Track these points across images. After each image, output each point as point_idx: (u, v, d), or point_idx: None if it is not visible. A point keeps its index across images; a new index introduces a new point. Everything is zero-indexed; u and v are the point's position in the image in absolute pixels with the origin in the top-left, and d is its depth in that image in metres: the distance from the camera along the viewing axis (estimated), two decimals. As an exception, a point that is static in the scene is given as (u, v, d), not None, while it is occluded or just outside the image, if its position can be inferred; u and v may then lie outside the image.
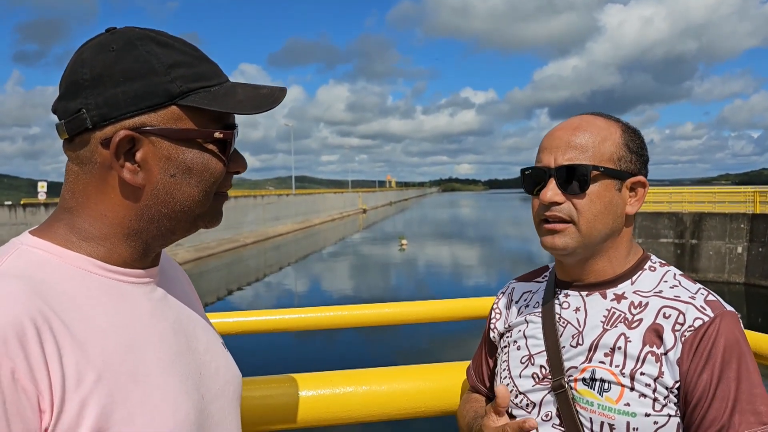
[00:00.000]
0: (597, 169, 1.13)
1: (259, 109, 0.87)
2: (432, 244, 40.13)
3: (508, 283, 1.43)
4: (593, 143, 1.14)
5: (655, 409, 1.05)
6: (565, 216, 1.14)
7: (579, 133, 1.16)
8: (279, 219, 50.57)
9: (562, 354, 1.16)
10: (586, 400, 1.10)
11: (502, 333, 1.34)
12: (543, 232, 1.18)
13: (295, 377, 1.49)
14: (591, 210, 1.13)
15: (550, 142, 1.18)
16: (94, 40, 0.86)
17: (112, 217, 0.86)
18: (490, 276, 25.70)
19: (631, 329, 1.11)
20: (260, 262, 33.00)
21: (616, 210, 1.16)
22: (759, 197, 22.11)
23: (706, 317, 1.07)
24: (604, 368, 1.10)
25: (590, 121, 1.18)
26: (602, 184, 1.14)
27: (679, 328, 1.07)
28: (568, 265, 1.21)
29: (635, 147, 1.18)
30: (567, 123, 1.20)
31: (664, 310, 1.11)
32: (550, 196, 1.13)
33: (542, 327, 1.22)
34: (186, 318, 0.97)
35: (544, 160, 1.17)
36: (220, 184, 0.91)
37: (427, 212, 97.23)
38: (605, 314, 1.15)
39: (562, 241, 1.15)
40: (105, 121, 0.82)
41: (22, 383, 0.69)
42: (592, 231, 1.14)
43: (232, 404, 0.99)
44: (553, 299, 1.24)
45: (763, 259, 20.23)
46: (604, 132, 1.16)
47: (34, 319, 0.72)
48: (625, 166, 1.15)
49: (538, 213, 1.18)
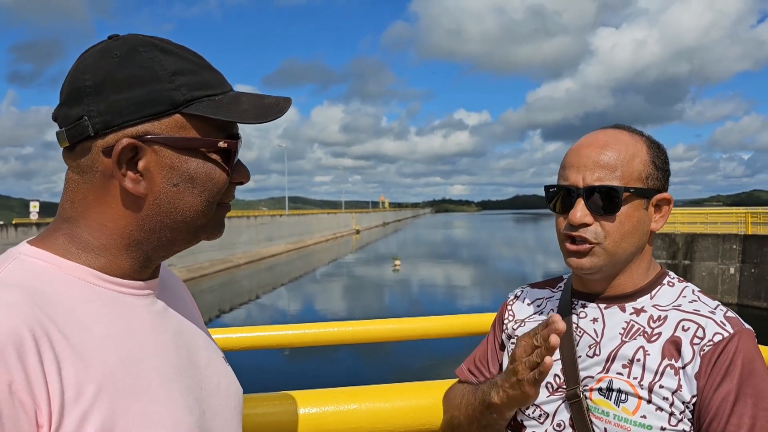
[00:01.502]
0: (628, 191, 1.10)
1: (264, 119, 0.86)
2: (425, 265, 40.05)
3: (521, 287, 1.41)
4: (622, 162, 1.11)
5: (671, 423, 1.03)
6: (591, 238, 1.11)
7: (607, 151, 1.12)
8: (272, 239, 50.43)
9: (578, 363, 1.14)
10: (601, 410, 1.08)
11: (510, 335, 1.31)
12: (568, 252, 1.15)
13: (297, 394, 1.46)
14: (619, 231, 1.11)
15: (577, 159, 1.14)
16: (96, 47, 0.84)
17: (113, 227, 0.83)
18: (485, 297, 25.62)
19: (651, 342, 1.09)
20: (253, 283, 32.79)
21: (642, 228, 1.14)
22: (750, 218, 22.27)
23: (726, 333, 1.05)
24: (622, 379, 1.08)
25: (617, 138, 1.14)
26: (632, 205, 1.11)
27: (698, 342, 1.06)
28: (588, 279, 1.19)
29: (660, 163, 1.16)
30: (593, 139, 1.16)
31: (683, 323, 1.09)
32: (579, 218, 1.11)
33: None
34: (187, 332, 0.94)
35: (571, 178, 1.13)
36: (223, 195, 0.89)
37: (420, 233, 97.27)
38: (624, 326, 1.13)
39: (590, 262, 1.12)
40: (107, 129, 0.80)
41: (20, 396, 0.66)
42: (618, 250, 1.12)
43: (233, 420, 0.97)
44: (570, 309, 1.21)
45: (756, 280, 20.29)
46: (631, 149, 1.13)
47: (32, 329, 0.70)
48: (652, 184, 1.13)
49: (564, 232, 1.15)
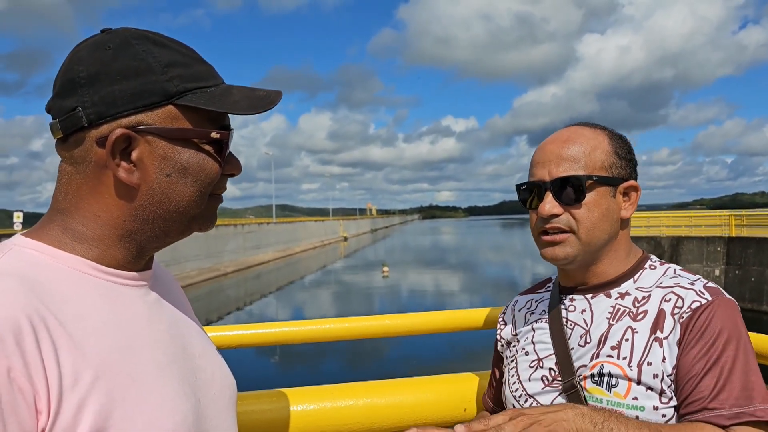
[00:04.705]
0: (591, 179, 1.15)
1: (256, 110, 0.86)
2: (414, 271, 40.09)
3: (514, 297, 1.45)
4: (584, 153, 1.17)
5: (662, 401, 1.05)
6: (564, 227, 1.16)
7: (569, 145, 1.18)
8: (260, 247, 50.25)
9: (571, 355, 1.16)
10: (595, 398, 1.10)
11: (509, 341, 1.35)
12: (543, 244, 1.20)
13: (292, 391, 1.46)
14: (589, 218, 1.15)
15: (542, 156, 1.20)
16: (89, 40, 0.85)
17: (106, 217, 0.84)
18: (474, 303, 25.68)
19: (637, 321, 1.12)
20: (241, 292, 32.62)
21: (612, 216, 1.18)
22: (734, 221, 22.55)
23: (704, 300, 1.08)
24: (611, 362, 1.10)
25: (578, 132, 1.21)
26: (597, 192, 1.16)
27: (678, 311, 1.09)
28: (570, 271, 1.23)
29: (624, 153, 1.21)
30: (556, 136, 1.22)
31: (665, 296, 1.13)
32: (548, 209, 1.16)
33: (550, 330, 1.23)
34: (181, 322, 0.95)
35: (538, 174, 1.19)
36: (215, 186, 0.90)
37: (408, 239, 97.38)
38: (610, 311, 1.16)
39: (563, 251, 1.17)
40: (101, 120, 0.80)
41: (19, 382, 0.67)
42: (591, 238, 1.16)
43: (227, 410, 0.97)
44: (559, 304, 1.24)
45: (740, 281, 20.53)
46: (593, 141, 1.19)
47: (30, 317, 0.70)
48: (616, 173, 1.18)
49: (537, 226, 1.20)
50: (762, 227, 21.56)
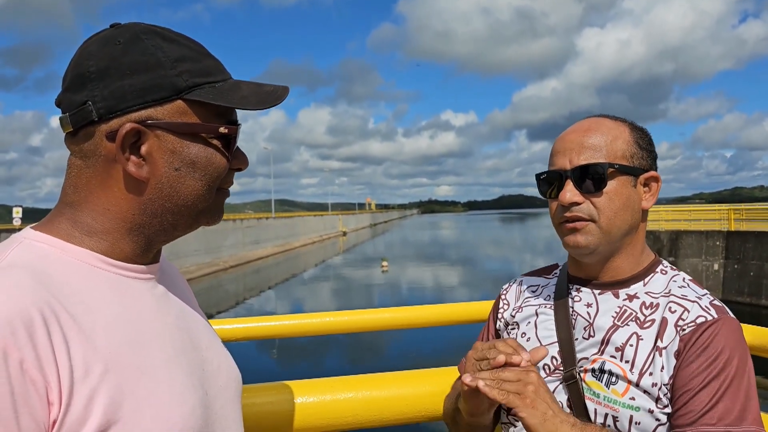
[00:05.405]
0: (612, 167, 1.14)
1: (264, 105, 0.87)
2: (413, 266, 40.11)
3: (516, 277, 1.43)
4: (605, 142, 1.16)
5: (658, 406, 1.06)
6: (585, 215, 1.15)
7: (591, 134, 1.18)
8: (259, 242, 50.23)
9: (575, 346, 1.17)
10: (593, 391, 1.11)
11: (507, 322, 1.34)
12: (564, 232, 1.18)
13: (295, 384, 1.47)
14: (611, 207, 1.14)
15: (563, 145, 1.19)
16: (99, 35, 0.86)
17: (116, 211, 0.85)
18: (473, 297, 25.69)
19: (644, 329, 1.12)
20: (240, 287, 32.64)
21: (633, 206, 1.17)
22: (733, 215, 22.56)
23: (710, 316, 1.08)
24: (614, 362, 1.11)
25: (600, 123, 1.20)
26: (618, 181, 1.15)
27: (681, 323, 1.09)
28: (585, 263, 1.22)
29: (645, 144, 1.20)
30: (577, 126, 1.22)
31: (670, 305, 1.12)
32: (569, 197, 1.14)
33: (555, 319, 1.22)
34: (188, 315, 0.96)
35: (559, 163, 1.18)
36: (222, 180, 0.91)
37: (407, 234, 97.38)
38: (617, 311, 1.16)
39: (584, 239, 1.15)
40: (111, 114, 0.81)
41: (31, 374, 0.68)
42: (612, 228, 1.15)
43: (233, 402, 0.99)
44: (566, 293, 1.24)
45: (739, 276, 20.57)
46: (614, 131, 1.18)
47: (41, 309, 0.71)
48: (637, 163, 1.18)
49: (557, 215, 1.19)
50: (761, 221, 21.56)
